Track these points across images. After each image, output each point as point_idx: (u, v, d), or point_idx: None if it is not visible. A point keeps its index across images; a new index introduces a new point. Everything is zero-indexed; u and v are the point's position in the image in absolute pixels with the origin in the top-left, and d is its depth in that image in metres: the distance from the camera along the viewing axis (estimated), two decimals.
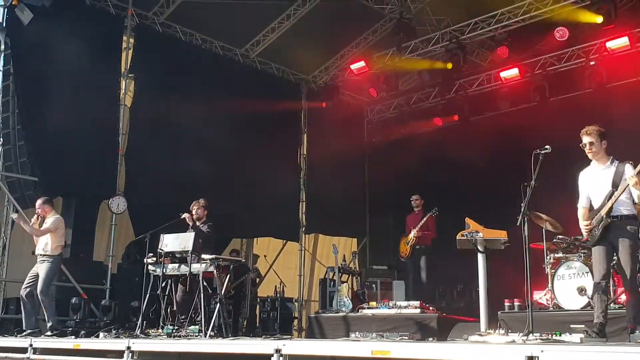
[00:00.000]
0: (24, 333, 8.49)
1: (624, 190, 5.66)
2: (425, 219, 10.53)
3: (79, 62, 10.71)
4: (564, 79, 12.84)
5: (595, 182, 5.97)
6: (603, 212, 5.75)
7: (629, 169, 5.74)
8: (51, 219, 8.90)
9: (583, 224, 5.96)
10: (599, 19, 10.88)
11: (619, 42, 11.60)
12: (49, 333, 8.43)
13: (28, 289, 8.63)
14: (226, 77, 13.00)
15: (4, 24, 10.36)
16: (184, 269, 8.11)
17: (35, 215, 8.99)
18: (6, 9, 10.09)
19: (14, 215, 9.37)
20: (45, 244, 8.76)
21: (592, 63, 12.27)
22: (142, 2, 12.07)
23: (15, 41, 10.46)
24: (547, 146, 5.86)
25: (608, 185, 5.81)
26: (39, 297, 8.53)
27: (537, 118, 12.49)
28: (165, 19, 12.60)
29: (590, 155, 5.93)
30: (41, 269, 8.66)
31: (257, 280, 13.15)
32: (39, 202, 9.07)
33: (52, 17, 10.28)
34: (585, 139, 5.90)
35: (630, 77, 12.00)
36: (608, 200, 5.73)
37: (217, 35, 13.30)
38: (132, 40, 11.99)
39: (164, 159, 11.72)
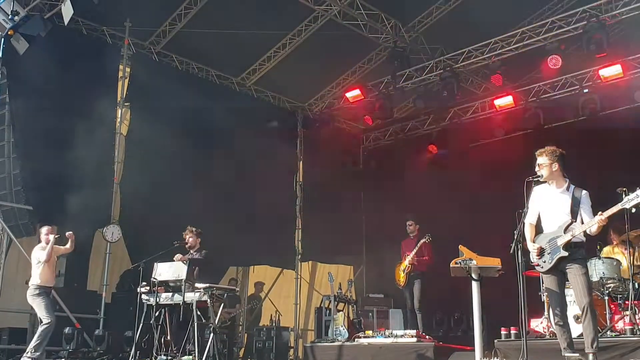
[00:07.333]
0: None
1: (582, 231, 5.67)
2: (418, 245, 10.33)
3: (75, 91, 10.77)
4: (558, 106, 12.91)
5: (550, 205, 5.93)
6: (560, 242, 5.71)
7: (585, 197, 5.79)
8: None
9: (532, 247, 5.90)
10: (591, 47, 10.96)
11: (612, 70, 11.68)
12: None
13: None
14: (222, 105, 13.05)
15: (0, 54, 10.41)
16: (177, 298, 8.05)
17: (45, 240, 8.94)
18: (2, 39, 10.13)
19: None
20: (42, 275, 8.72)
21: (585, 91, 12.36)
22: (138, 31, 12.14)
23: (11, 70, 10.48)
24: (539, 173, 5.88)
25: (565, 214, 5.79)
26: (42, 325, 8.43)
27: (532, 145, 12.46)
28: (162, 48, 12.70)
29: (540, 178, 5.90)
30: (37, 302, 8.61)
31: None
32: (48, 228, 9.01)
33: (48, 46, 10.31)
34: (538, 160, 5.92)
35: (624, 104, 12.07)
36: (565, 232, 5.71)
37: (213, 64, 13.39)
38: (128, 69, 12.05)
39: (160, 188, 11.67)
